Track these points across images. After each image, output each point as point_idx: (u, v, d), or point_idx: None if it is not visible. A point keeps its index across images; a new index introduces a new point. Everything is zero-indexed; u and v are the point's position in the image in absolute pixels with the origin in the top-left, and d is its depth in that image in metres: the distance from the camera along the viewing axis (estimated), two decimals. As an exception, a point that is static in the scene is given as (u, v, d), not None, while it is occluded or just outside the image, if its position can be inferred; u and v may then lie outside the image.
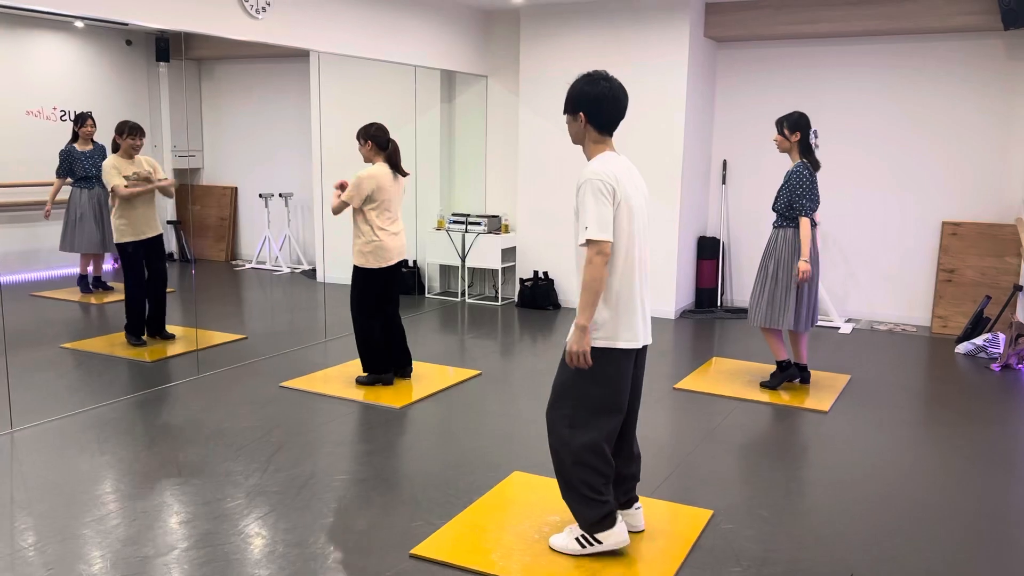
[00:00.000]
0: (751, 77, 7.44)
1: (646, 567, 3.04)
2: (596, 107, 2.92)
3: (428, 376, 5.39)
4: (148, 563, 3.00)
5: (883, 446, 4.31)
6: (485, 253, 7.73)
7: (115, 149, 5.87)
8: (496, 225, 7.81)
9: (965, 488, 3.80)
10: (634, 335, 2.95)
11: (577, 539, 3.08)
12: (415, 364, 5.61)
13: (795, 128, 4.97)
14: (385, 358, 5.16)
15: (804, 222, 4.90)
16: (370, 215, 4.93)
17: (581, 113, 2.94)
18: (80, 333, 6.39)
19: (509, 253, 7.87)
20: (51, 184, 6.97)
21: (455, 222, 7.86)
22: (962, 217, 6.84)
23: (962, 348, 6.22)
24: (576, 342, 2.85)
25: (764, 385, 5.21)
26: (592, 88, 2.93)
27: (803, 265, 4.87)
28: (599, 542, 3.05)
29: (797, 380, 5.23)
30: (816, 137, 5.03)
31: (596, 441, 2.98)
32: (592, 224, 2.80)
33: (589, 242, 2.81)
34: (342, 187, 5.11)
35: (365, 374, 5.18)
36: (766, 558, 3.12)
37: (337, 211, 4.97)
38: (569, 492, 3.06)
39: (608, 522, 3.04)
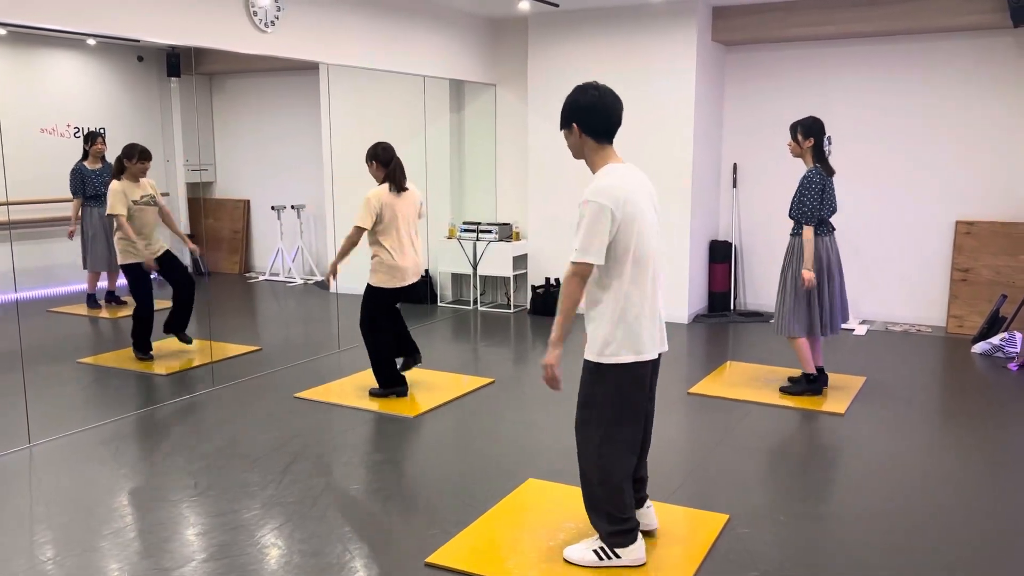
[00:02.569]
0: (760, 80, 7.43)
1: (662, 572, 3.03)
2: (588, 116, 2.91)
3: (442, 385, 5.40)
4: (165, 575, 3.01)
5: (900, 448, 4.28)
6: (496, 261, 7.74)
7: (119, 171, 5.79)
8: (507, 233, 7.82)
9: (984, 490, 3.76)
10: (645, 348, 2.95)
11: (595, 551, 3.06)
12: (428, 373, 5.62)
13: (808, 133, 4.93)
14: (396, 373, 5.16)
15: (807, 230, 4.86)
16: (382, 236, 4.93)
17: (575, 124, 2.93)
18: (96, 348, 6.44)
19: (520, 261, 7.88)
20: (67, 201, 7.04)
21: (466, 230, 7.88)
22: (976, 216, 6.79)
23: (978, 348, 6.17)
24: (549, 356, 2.94)
25: (785, 391, 5.16)
26: (582, 98, 2.92)
27: (806, 274, 4.85)
28: (617, 556, 3.04)
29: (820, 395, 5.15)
30: (830, 143, 4.98)
31: (621, 458, 2.99)
32: (580, 246, 2.83)
33: (573, 262, 2.86)
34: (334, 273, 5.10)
35: (379, 387, 5.19)
36: (783, 563, 3.10)
37: (355, 239, 4.92)
38: (595, 511, 3.07)
39: (630, 538, 3.05)
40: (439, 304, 8.24)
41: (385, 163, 4.97)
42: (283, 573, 3.03)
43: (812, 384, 5.10)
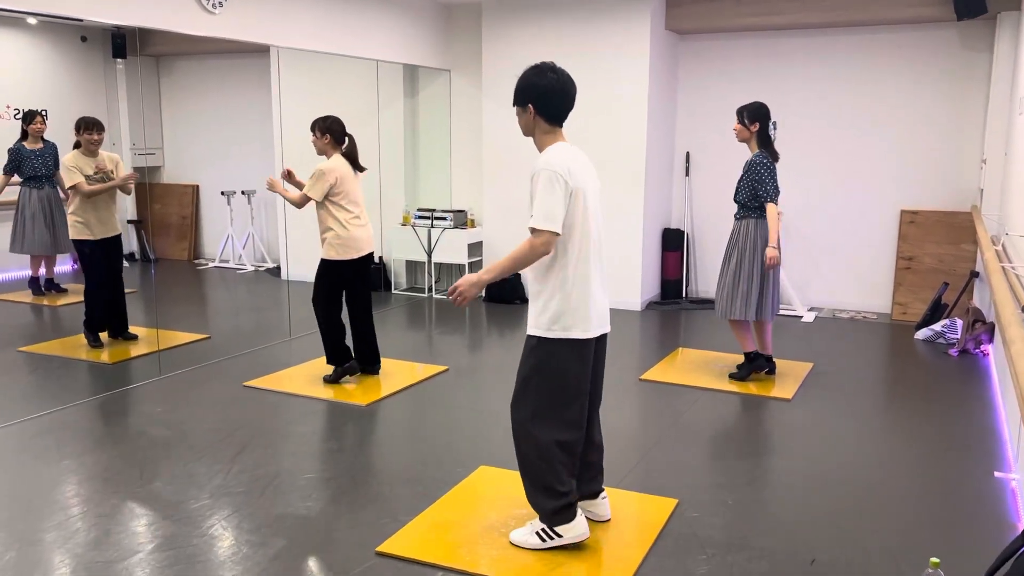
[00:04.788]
0: (713, 69, 7.50)
1: (613, 556, 3.06)
2: (545, 99, 2.94)
3: (395, 372, 5.37)
4: (111, 567, 2.96)
5: (845, 432, 4.38)
6: (451, 248, 7.72)
7: (76, 146, 5.74)
8: (462, 220, 7.80)
9: (924, 470, 3.87)
10: (590, 325, 2.98)
11: (537, 533, 3.08)
12: (383, 361, 5.59)
13: (755, 118, 5.00)
14: (346, 347, 5.13)
15: (771, 208, 4.93)
16: (336, 208, 4.89)
17: (530, 105, 2.95)
18: (36, 336, 6.27)
19: (476, 248, 7.86)
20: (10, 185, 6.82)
21: (421, 217, 7.84)
22: (920, 205, 6.96)
23: (921, 334, 6.33)
24: (469, 284, 2.92)
25: (733, 377, 5.24)
26: (540, 79, 2.94)
27: (771, 251, 4.91)
28: (559, 535, 3.07)
29: (764, 371, 5.28)
30: (775, 129, 5.07)
31: (560, 434, 3.00)
32: (539, 213, 2.83)
33: (533, 230, 2.84)
34: (288, 175, 5.06)
35: (331, 371, 5.15)
36: (731, 545, 3.15)
37: (300, 205, 4.91)
38: (532, 485, 3.07)
39: (568, 515, 3.06)
40: (393, 291, 8.19)
41: (340, 140, 4.95)
42: (231, 564, 2.99)
43: (754, 361, 5.20)
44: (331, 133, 4.93)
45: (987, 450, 4.12)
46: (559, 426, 3.00)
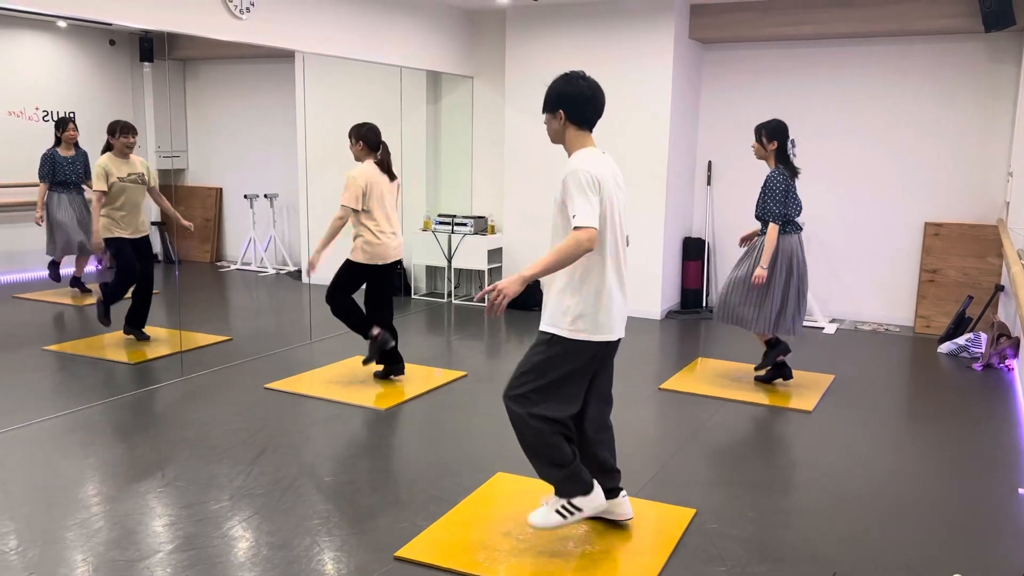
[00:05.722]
0: (737, 78, 7.48)
1: (630, 566, 3.05)
2: (575, 105, 3.00)
3: (414, 377, 5.39)
4: (131, 566, 2.98)
5: (866, 445, 4.34)
6: (471, 254, 7.73)
7: (107, 149, 5.80)
8: (482, 226, 7.81)
9: (946, 486, 3.83)
10: (609, 329, 3.01)
11: (557, 511, 3.09)
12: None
13: (773, 136, 4.99)
14: (366, 316, 5.15)
15: (772, 228, 4.92)
16: (366, 216, 4.94)
17: (561, 111, 3.01)
18: (63, 335, 6.35)
19: (495, 254, 7.88)
20: (33, 185, 6.92)
21: (441, 223, 7.86)
22: (945, 218, 6.89)
23: (944, 348, 6.27)
24: (509, 284, 2.83)
25: (759, 375, 5.26)
26: (571, 87, 3.01)
27: (759, 272, 4.93)
28: (579, 509, 3.08)
29: (786, 357, 5.24)
30: (794, 147, 5.08)
31: (551, 411, 3.01)
32: (580, 211, 2.84)
33: (577, 228, 2.83)
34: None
35: (367, 354, 5.17)
36: (750, 557, 3.13)
37: (344, 219, 4.91)
38: (538, 460, 3.09)
39: (583, 486, 3.07)
40: (413, 296, 8.21)
41: (374, 147, 5.01)
42: (251, 565, 3.01)
43: (776, 346, 5.18)
44: (364, 140, 5.01)
45: (1011, 466, 4.07)
46: (551, 407, 3.01)
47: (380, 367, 5.30)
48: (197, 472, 3.83)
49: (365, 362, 5.25)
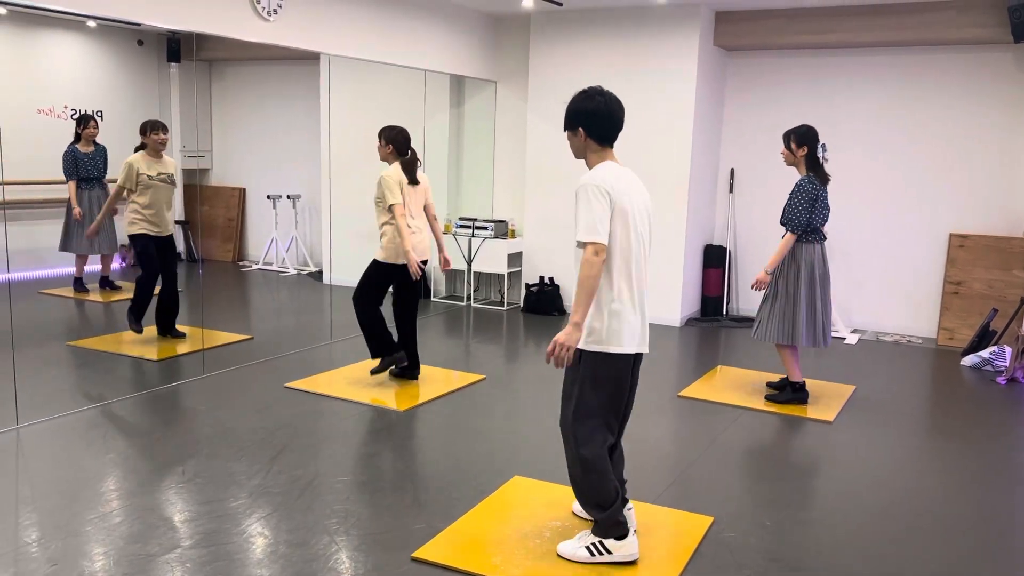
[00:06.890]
0: (761, 86, 7.45)
1: (647, 573, 3.04)
2: (593, 121, 3.01)
3: (433, 379, 5.40)
4: (151, 561, 3.01)
5: (887, 457, 4.30)
6: (491, 258, 7.74)
7: (140, 148, 5.89)
8: (503, 230, 7.82)
9: (968, 500, 3.79)
10: (628, 342, 2.99)
11: (588, 547, 3.09)
12: (420, 367, 5.62)
13: (802, 142, 4.93)
14: (391, 337, 5.19)
15: (788, 237, 4.87)
16: (397, 215, 4.97)
17: (580, 128, 3.03)
18: (87, 331, 6.42)
19: (515, 258, 7.88)
20: (61, 183, 7.00)
21: (462, 226, 7.88)
22: (970, 229, 6.82)
23: (968, 361, 6.20)
24: (566, 335, 2.89)
25: (770, 398, 5.17)
26: (588, 104, 3.02)
27: (760, 275, 4.92)
28: (609, 552, 3.07)
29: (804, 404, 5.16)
30: (824, 151, 5.01)
31: (599, 451, 3.03)
32: (582, 226, 2.87)
33: (579, 243, 2.89)
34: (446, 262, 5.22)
35: (376, 362, 5.21)
36: (768, 567, 3.11)
37: (402, 216, 4.95)
38: (584, 501, 3.11)
39: (620, 530, 3.07)
40: (432, 299, 8.24)
41: (402, 151, 5.04)
42: (269, 563, 3.03)
43: (798, 393, 5.11)
44: (393, 143, 5.06)
45: (1035, 482, 4.02)
46: (598, 442, 3.02)
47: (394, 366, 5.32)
48: (216, 469, 3.86)
49: (373, 372, 5.29)
